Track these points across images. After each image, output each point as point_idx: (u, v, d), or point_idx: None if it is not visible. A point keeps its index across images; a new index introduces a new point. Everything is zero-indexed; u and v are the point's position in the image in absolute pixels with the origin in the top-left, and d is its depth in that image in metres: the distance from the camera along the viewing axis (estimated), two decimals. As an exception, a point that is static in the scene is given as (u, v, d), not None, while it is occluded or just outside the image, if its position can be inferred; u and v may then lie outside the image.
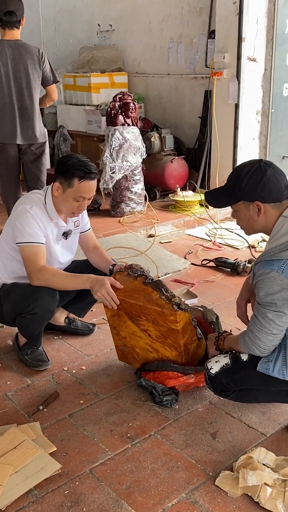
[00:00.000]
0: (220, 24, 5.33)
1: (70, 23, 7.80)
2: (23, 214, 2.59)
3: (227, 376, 2.15)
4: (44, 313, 2.63)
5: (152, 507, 1.89)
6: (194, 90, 6.26)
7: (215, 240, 4.81)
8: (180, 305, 2.34)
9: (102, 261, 2.90)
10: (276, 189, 2.00)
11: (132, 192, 5.19)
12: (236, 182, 2.07)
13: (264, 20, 5.33)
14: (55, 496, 1.94)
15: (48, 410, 2.43)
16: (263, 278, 1.95)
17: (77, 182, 2.54)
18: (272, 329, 1.97)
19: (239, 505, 1.90)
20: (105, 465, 2.09)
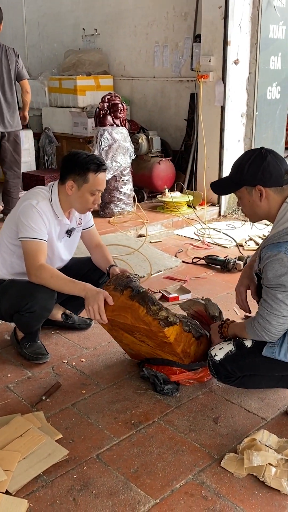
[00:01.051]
0: (205, 28, 5.44)
1: (54, 27, 7.84)
2: (29, 209, 2.60)
3: (232, 362, 2.21)
4: (42, 312, 2.64)
5: (161, 489, 1.92)
6: (180, 93, 6.35)
7: (204, 240, 4.88)
8: (167, 318, 2.31)
9: (103, 260, 2.92)
10: (276, 172, 2.08)
11: (121, 193, 5.24)
12: (238, 169, 2.16)
13: (248, 24, 5.45)
14: (64, 480, 1.96)
15: (51, 400, 2.45)
16: (271, 260, 2.00)
17: (93, 176, 2.58)
18: (283, 310, 2.02)
19: (245, 484, 1.95)
20: (112, 451, 2.12)
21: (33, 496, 1.89)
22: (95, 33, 7.22)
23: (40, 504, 1.85)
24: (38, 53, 8.23)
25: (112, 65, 7.08)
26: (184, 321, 2.39)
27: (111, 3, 6.87)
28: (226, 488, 1.93)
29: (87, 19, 7.27)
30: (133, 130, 6.13)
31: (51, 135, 6.83)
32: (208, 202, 5.74)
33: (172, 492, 1.91)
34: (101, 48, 7.16)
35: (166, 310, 2.35)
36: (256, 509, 1.84)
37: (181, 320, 2.36)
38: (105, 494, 1.90)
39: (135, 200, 5.32)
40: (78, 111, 6.47)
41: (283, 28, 5.76)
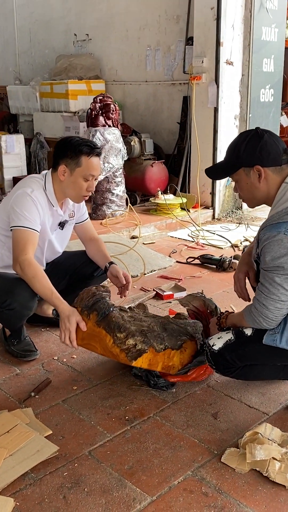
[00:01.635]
0: (198, 30, 5.40)
1: (46, 33, 7.81)
2: (23, 198, 2.48)
3: (231, 351, 2.09)
4: (22, 309, 2.49)
5: (158, 485, 1.79)
6: (172, 96, 6.30)
7: (198, 241, 4.78)
8: (136, 346, 2.17)
9: (100, 255, 2.81)
10: (274, 151, 1.99)
11: (114, 194, 5.14)
12: (234, 150, 2.07)
13: (241, 26, 5.42)
14: (53, 478, 1.82)
15: (40, 396, 2.32)
16: (269, 241, 1.90)
17: (86, 159, 2.45)
18: (280, 295, 1.91)
19: (248, 480, 1.82)
20: (105, 447, 1.98)
21: (20, 494, 1.75)
22: (87, 39, 7.18)
23: (27, 502, 1.71)
24: (30, 59, 8.19)
25: (104, 70, 7.03)
26: (157, 342, 2.22)
27: (102, 8, 6.85)
28: (228, 484, 1.80)
29: (79, 25, 7.24)
30: (126, 133, 6.06)
31: (43, 140, 6.74)
32: (202, 205, 5.66)
33: (170, 488, 1.78)
34: (93, 53, 7.12)
35: (134, 337, 2.17)
36: (260, 505, 1.71)
37: (151, 345, 2.19)
38: (98, 491, 1.76)
39: (128, 202, 5.22)
40: (70, 115, 6.40)
41: (275, 30, 5.74)
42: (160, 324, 2.38)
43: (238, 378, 2.23)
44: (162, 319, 2.46)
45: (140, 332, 2.23)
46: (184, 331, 2.38)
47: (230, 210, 5.83)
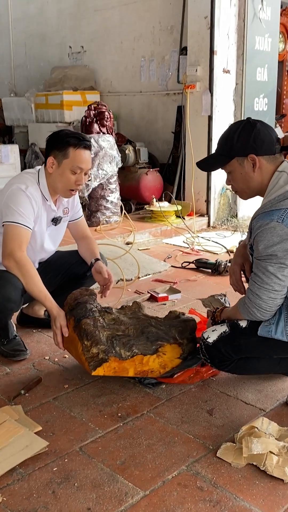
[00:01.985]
0: (192, 39, 5.43)
1: (41, 47, 7.86)
2: (18, 194, 2.43)
3: (226, 344, 2.03)
4: (6, 302, 2.37)
5: (151, 480, 1.72)
6: (167, 106, 6.32)
7: (193, 247, 4.75)
8: (98, 355, 2.16)
9: (88, 252, 2.75)
10: (267, 140, 1.97)
11: (108, 201, 5.12)
12: (227, 140, 2.04)
13: (234, 35, 5.46)
14: (42, 473, 1.75)
15: (31, 394, 2.25)
16: (262, 229, 1.87)
17: (72, 150, 2.42)
18: (274, 284, 1.87)
19: (244, 474, 1.75)
20: (96, 443, 1.92)
21: (7, 489, 1.68)
22: (82, 51, 7.23)
23: (14, 497, 1.64)
24: (25, 72, 8.23)
25: (99, 81, 7.07)
26: (124, 349, 2.19)
27: (97, 21, 6.91)
28: (224, 478, 1.73)
29: (74, 38, 7.30)
30: (120, 142, 6.05)
31: (37, 151, 6.73)
32: (197, 213, 5.63)
33: (164, 483, 1.71)
34: (88, 65, 7.16)
35: (97, 346, 2.16)
36: (257, 499, 1.64)
37: (114, 354, 2.17)
38: (89, 486, 1.69)
39: (122, 209, 5.19)
40: (65, 125, 6.40)
41: (269, 40, 5.79)
42: (140, 327, 2.33)
43: (233, 372, 2.17)
44: (145, 321, 2.39)
45: (110, 339, 2.21)
46: (163, 334, 2.31)
47: (225, 218, 5.81)
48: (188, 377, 2.32)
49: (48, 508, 1.59)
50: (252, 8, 5.46)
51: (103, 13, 6.81)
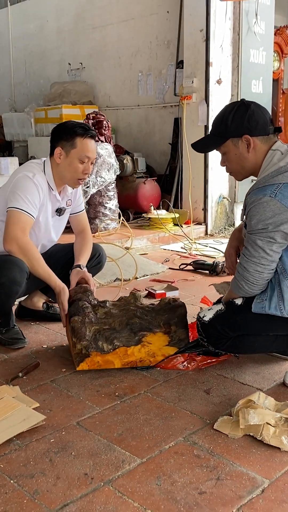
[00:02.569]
0: (188, 52, 5.57)
1: (41, 64, 8.03)
2: (25, 182, 2.49)
3: (222, 321, 2.06)
4: (11, 284, 2.42)
5: (148, 449, 1.72)
6: (164, 118, 6.43)
7: (191, 252, 4.78)
8: (82, 351, 2.25)
9: (77, 253, 2.76)
10: (261, 120, 2.02)
11: (106, 208, 5.17)
12: (221, 121, 2.08)
13: (229, 48, 5.60)
14: (39, 444, 1.75)
15: (28, 377, 2.26)
16: (255, 204, 1.90)
17: (80, 140, 2.48)
18: (261, 258, 1.90)
19: (241, 444, 1.75)
20: (93, 418, 1.92)
21: (4, 458, 1.68)
22: (81, 67, 7.39)
23: (11, 465, 1.64)
24: (25, 89, 8.38)
25: (97, 96, 7.20)
26: (107, 342, 2.26)
27: (95, 37, 7.07)
28: (221, 448, 1.73)
29: (73, 54, 7.46)
30: (119, 153, 6.14)
31: (37, 163, 6.81)
32: (194, 221, 5.68)
33: (161, 452, 1.71)
34: (86, 80, 7.31)
35: (81, 342, 2.24)
36: (254, 465, 1.64)
37: (95, 349, 2.24)
38: (86, 455, 1.69)
39: (120, 216, 5.24)
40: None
41: (263, 53, 5.93)
42: (126, 319, 2.37)
43: (230, 351, 2.18)
44: (131, 312, 2.41)
45: (95, 334, 2.28)
46: (147, 324, 2.34)
47: (222, 226, 5.86)
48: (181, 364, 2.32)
49: (45, 474, 1.59)
50: (246, 22, 5.62)
51: (101, 30, 6.98)
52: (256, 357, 2.41)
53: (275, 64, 6.97)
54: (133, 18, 6.58)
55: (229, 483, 1.55)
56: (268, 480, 1.57)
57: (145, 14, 6.43)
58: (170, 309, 2.44)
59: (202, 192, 5.68)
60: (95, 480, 1.56)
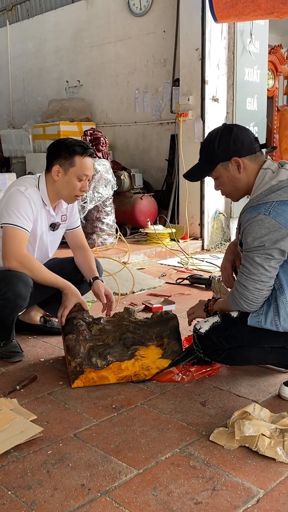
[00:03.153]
0: (184, 70, 5.67)
1: (39, 81, 8.14)
2: (17, 195, 2.51)
3: (218, 333, 2.08)
4: (16, 299, 2.45)
5: (144, 460, 1.74)
6: (161, 135, 6.51)
7: (187, 266, 4.82)
8: (76, 368, 2.27)
9: (86, 266, 2.82)
10: (246, 140, 2.05)
11: (104, 223, 5.22)
12: (208, 148, 2.10)
13: (224, 66, 5.70)
14: (37, 455, 1.77)
15: (26, 390, 2.27)
16: (250, 222, 1.94)
17: (79, 158, 2.50)
18: (261, 275, 1.93)
19: (236, 455, 1.77)
20: (90, 430, 1.94)
21: (2, 469, 1.69)
22: (78, 85, 7.49)
23: (9, 476, 1.65)
24: (23, 107, 8.48)
25: (95, 113, 7.30)
26: (100, 358, 2.28)
27: (93, 56, 7.19)
28: (217, 458, 1.75)
29: (71, 72, 7.58)
30: (116, 169, 6.21)
31: (34, 179, 6.87)
32: (191, 236, 5.73)
33: (157, 463, 1.73)
34: (84, 98, 7.41)
35: (75, 359, 2.28)
36: (250, 476, 1.66)
37: (88, 365, 2.27)
38: (83, 466, 1.70)
39: (118, 231, 5.29)
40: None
41: (257, 72, 6.04)
42: (119, 334, 2.40)
43: (225, 362, 2.21)
44: (124, 327, 2.44)
45: (89, 351, 2.31)
46: (140, 338, 2.37)
47: (219, 241, 5.91)
48: (177, 375, 2.35)
49: (43, 485, 1.61)
50: (241, 41, 5.73)
51: (99, 48, 7.10)
52: (252, 369, 2.44)
53: (269, 82, 7.09)
54: (130, 37, 6.70)
55: (225, 493, 1.57)
56: (263, 490, 1.59)
57: (142, 33, 6.55)
58: (162, 321, 2.47)
59: (199, 208, 5.74)
60: (92, 491, 1.58)
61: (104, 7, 6.95)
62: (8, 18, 8.57)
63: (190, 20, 5.51)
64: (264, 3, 4.49)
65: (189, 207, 5.69)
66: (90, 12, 7.16)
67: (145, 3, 6.43)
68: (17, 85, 8.54)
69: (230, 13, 4.78)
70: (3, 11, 8.71)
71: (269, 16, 4.77)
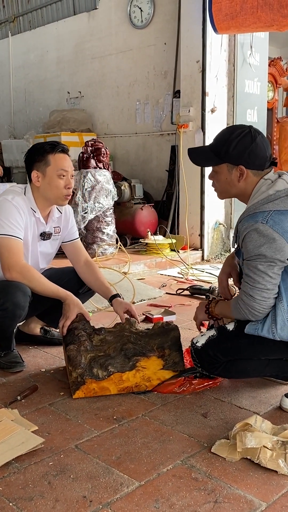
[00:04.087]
0: (184, 82, 5.71)
1: (40, 92, 8.19)
2: (4, 204, 2.49)
3: (214, 346, 2.09)
4: (15, 309, 2.44)
5: (146, 472, 1.73)
6: (161, 146, 6.55)
7: (187, 277, 4.83)
8: (77, 379, 2.27)
9: (99, 284, 2.78)
10: (261, 157, 2.03)
11: (104, 233, 5.23)
12: (224, 143, 2.06)
13: (225, 78, 5.75)
14: (38, 467, 1.76)
15: (27, 401, 2.27)
16: (249, 231, 1.94)
17: (52, 156, 2.50)
18: (266, 283, 1.93)
19: (238, 467, 1.77)
20: (92, 441, 1.93)
21: (3, 481, 1.68)
22: (79, 96, 7.54)
23: (10, 488, 1.65)
24: (24, 117, 8.53)
25: (96, 124, 7.34)
26: (101, 369, 2.29)
27: (94, 67, 7.24)
28: (218, 471, 1.75)
29: (72, 83, 7.63)
30: (116, 179, 6.23)
31: (35, 189, 6.89)
32: (191, 247, 5.75)
33: (159, 475, 1.72)
34: (85, 109, 7.45)
35: (76, 370, 2.27)
36: (252, 488, 1.65)
37: (89, 376, 2.27)
38: (84, 478, 1.70)
39: (118, 241, 5.30)
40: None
41: (258, 84, 6.08)
42: (120, 345, 2.40)
43: (223, 375, 2.20)
44: (125, 338, 2.44)
45: (90, 361, 2.31)
46: (140, 349, 2.37)
47: (219, 252, 5.92)
48: (178, 388, 2.35)
49: (44, 496, 1.60)
50: (241, 53, 5.78)
51: (100, 60, 7.16)
52: (253, 381, 2.44)
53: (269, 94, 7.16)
54: (131, 49, 6.75)
55: (227, 505, 1.56)
56: (266, 503, 1.58)
57: (143, 45, 6.61)
58: (163, 332, 2.47)
59: (199, 218, 5.76)
60: (94, 502, 1.57)
61: (105, 19, 7.01)
62: (10, 29, 8.64)
63: (191, 33, 5.56)
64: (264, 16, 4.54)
65: (189, 218, 5.71)
66: (91, 25, 7.23)
67: (146, 15, 6.49)
68: (18, 96, 8.59)
69: (230, 25, 4.82)
70: (5, 23, 8.79)
71: (269, 28, 4.83)
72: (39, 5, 8.13)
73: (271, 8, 4.37)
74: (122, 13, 6.79)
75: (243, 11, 4.53)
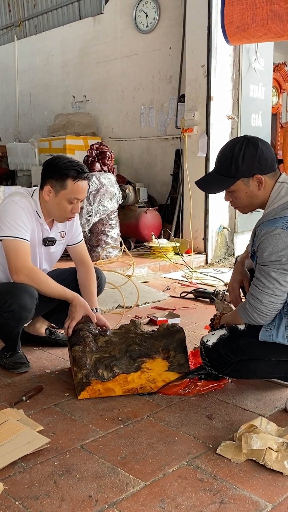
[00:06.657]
0: (189, 86, 5.73)
1: (45, 96, 8.23)
2: (11, 206, 2.49)
3: (225, 346, 2.09)
4: (22, 311, 2.44)
5: (152, 473, 1.73)
6: (166, 150, 6.56)
7: (191, 281, 4.83)
8: (82, 379, 2.27)
9: (86, 291, 2.76)
10: (270, 157, 2.03)
11: (108, 236, 5.24)
12: (231, 162, 2.03)
13: (230, 83, 5.77)
14: (44, 466, 1.77)
15: (32, 401, 2.27)
16: (267, 236, 1.93)
17: (71, 182, 2.45)
18: (275, 289, 1.94)
19: (244, 468, 1.77)
20: (97, 442, 1.93)
21: (9, 480, 1.69)
22: (84, 100, 7.57)
23: (16, 487, 1.65)
24: (29, 121, 8.56)
25: (100, 127, 7.36)
26: (107, 370, 2.29)
27: (99, 71, 7.28)
28: (224, 472, 1.75)
29: (77, 87, 7.66)
30: (121, 183, 6.25)
31: (40, 192, 6.91)
32: (195, 251, 5.75)
33: (164, 475, 1.72)
34: (90, 112, 7.48)
35: (81, 371, 2.28)
36: (257, 489, 1.65)
37: (95, 377, 2.28)
38: (90, 477, 1.70)
39: (122, 244, 5.31)
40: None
41: (262, 89, 6.10)
42: (125, 346, 2.40)
43: (232, 375, 2.21)
44: (130, 339, 2.44)
45: (95, 362, 2.31)
46: (146, 350, 2.37)
47: (222, 256, 5.92)
48: (183, 389, 2.35)
49: (50, 496, 1.60)
50: (247, 59, 5.80)
51: (106, 64, 7.19)
52: (258, 383, 2.44)
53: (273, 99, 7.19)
54: (136, 53, 6.78)
55: (233, 506, 1.57)
56: (271, 504, 1.58)
57: (148, 50, 6.64)
58: (168, 334, 2.47)
59: (203, 222, 5.76)
60: (100, 502, 1.58)
61: (111, 24, 7.05)
62: (16, 33, 8.69)
63: (196, 38, 5.58)
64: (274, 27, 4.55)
65: (193, 222, 5.72)
66: (97, 29, 7.26)
67: (152, 20, 6.52)
68: (24, 99, 8.63)
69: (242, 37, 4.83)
70: (11, 27, 8.84)
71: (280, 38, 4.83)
72: (45, 9, 8.18)
73: (281, 19, 4.38)
74: (128, 17, 6.83)
75: (254, 23, 4.54)
